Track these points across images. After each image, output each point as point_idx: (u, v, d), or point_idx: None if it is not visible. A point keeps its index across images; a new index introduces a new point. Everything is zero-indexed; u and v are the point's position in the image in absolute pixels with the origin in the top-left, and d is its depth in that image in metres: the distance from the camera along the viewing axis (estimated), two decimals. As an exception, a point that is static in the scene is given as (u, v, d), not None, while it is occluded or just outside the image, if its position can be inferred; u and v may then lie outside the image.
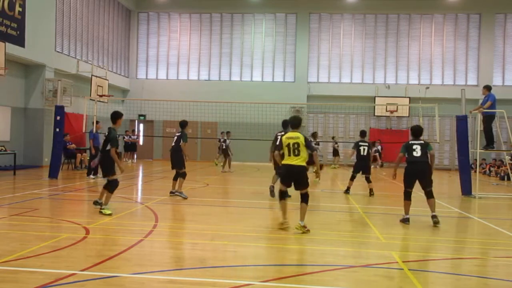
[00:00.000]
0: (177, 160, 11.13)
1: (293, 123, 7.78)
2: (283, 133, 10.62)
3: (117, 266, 5.09)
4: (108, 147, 8.52)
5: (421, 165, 8.50)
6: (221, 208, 9.91)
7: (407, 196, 8.62)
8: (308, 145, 7.43)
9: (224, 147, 20.02)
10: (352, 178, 12.64)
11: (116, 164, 8.54)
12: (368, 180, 12.41)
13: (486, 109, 12.86)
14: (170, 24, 28.36)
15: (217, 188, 13.86)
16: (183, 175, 11.11)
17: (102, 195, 8.76)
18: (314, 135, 17.75)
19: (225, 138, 20.02)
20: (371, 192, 12.24)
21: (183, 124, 11.43)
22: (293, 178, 7.44)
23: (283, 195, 7.58)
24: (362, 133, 13.00)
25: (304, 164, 7.40)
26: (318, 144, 20.03)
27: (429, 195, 8.49)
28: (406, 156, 8.62)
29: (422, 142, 8.72)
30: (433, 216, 8.33)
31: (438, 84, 26.80)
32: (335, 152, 25.37)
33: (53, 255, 5.45)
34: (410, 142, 8.78)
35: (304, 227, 7.21)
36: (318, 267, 5.39)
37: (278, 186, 10.49)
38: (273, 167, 11.09)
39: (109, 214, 8.14)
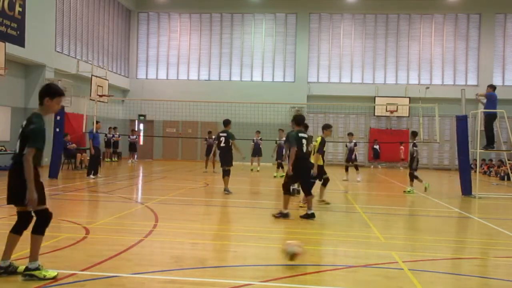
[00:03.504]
0: (229, 158, 11.88)
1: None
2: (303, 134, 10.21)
3: (117, 266, 5.09)
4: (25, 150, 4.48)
5: (308, 162, 8.62)
6: (221, 208, 9.91)
7: (289, 190, 8.54)
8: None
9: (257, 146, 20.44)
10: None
11: (28, 184, 4.40)
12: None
13: (485, 106, 13.06)
14: (170, 24, 28.36)
15: (217, 188, 13.85)
16: (228, 173, 11.87)
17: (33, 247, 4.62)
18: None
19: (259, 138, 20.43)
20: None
21: (227, 122, 12.11)
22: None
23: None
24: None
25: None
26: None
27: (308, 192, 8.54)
28: (297, 150, 8.28)
29: (307, 136, 8.66)
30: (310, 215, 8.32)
31: (438, 84, 26.80)
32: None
33: (53, 255, 5.44)
34: (300, 134, 8.41)
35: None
36: (318, 267, 5.39)
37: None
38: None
39: (54, 277, 4.53)
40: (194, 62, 28.19)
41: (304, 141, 8.42)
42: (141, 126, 28.64)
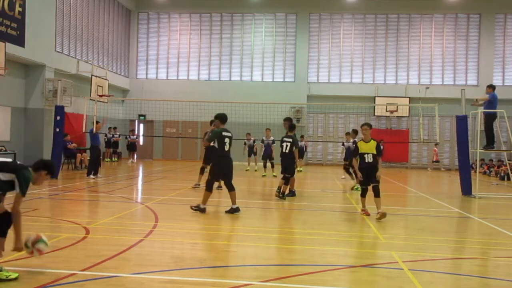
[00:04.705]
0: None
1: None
2: (227, 133, 9.35)
3: (117, 266, 5.09)
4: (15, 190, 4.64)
5: (229, 160, 8.92)
6: (221, 208, 9.90)
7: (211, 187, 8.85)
8: None
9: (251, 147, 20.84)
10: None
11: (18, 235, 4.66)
12: (286, 180, 11.04)
13: (484, 106, 13.02)
14: (170, 24, 28.36)
15: (216, 188, 13.84)
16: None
17: None
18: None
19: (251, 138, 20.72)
20: (283, 194, 10.92)
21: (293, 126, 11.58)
22: None
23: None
24: (291, 127, 11.29)
25: None
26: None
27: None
28: (218, 148, 8.79)
29: (230, 135, 8.94)
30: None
31: (438, 84, 26.80)
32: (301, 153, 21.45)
33: (53, 255, 5.44)
34: (223, 133, 8.77)
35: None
36: (318, 267, 5.39)
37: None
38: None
39: (16, 278, 4.50)
40: (194, 62, 28.18)
41: (227, 140, 8.79)
42: (141, 126, 28.65)
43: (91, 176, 14.99)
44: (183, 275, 4.91)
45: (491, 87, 13.30)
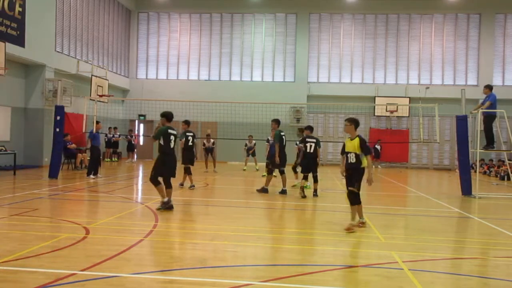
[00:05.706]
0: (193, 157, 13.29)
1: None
2: (172, 131, 9.67)
3: (117, 266, 5.09)
4: None
5: (174, 158, 9.28)
6: (221, 208, 9.91)
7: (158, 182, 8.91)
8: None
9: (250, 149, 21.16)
10: (305, 178, 11.67)
11: None
12: (315, 179, 11.80)
13: (486, 109, 12.94)
14: (170, 24, 28.36)
15: (216, 188, 13.86)
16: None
17: None
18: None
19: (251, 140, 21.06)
20: (315, 193, 11.68)
21: (189, 122, 13.04)
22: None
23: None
24: (310, 128, 12.12)
25: None
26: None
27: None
28: (164, 145, 9.06)
29: (175, 133, 9.31)
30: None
31: (438, 84, 26.79)
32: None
33: (53, 255, 5.45)
34: (169, 130, 9.23)
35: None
36: (318, 267, 5.39)
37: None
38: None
39: None
40: (194, 62, 28.18)
41: (172, 137, 9.13)
42: (141, 126, 28.63)
43: (91, 176, 15.00)
44: (183, 275, 4.91)
45: (489, 88, 13.19)
